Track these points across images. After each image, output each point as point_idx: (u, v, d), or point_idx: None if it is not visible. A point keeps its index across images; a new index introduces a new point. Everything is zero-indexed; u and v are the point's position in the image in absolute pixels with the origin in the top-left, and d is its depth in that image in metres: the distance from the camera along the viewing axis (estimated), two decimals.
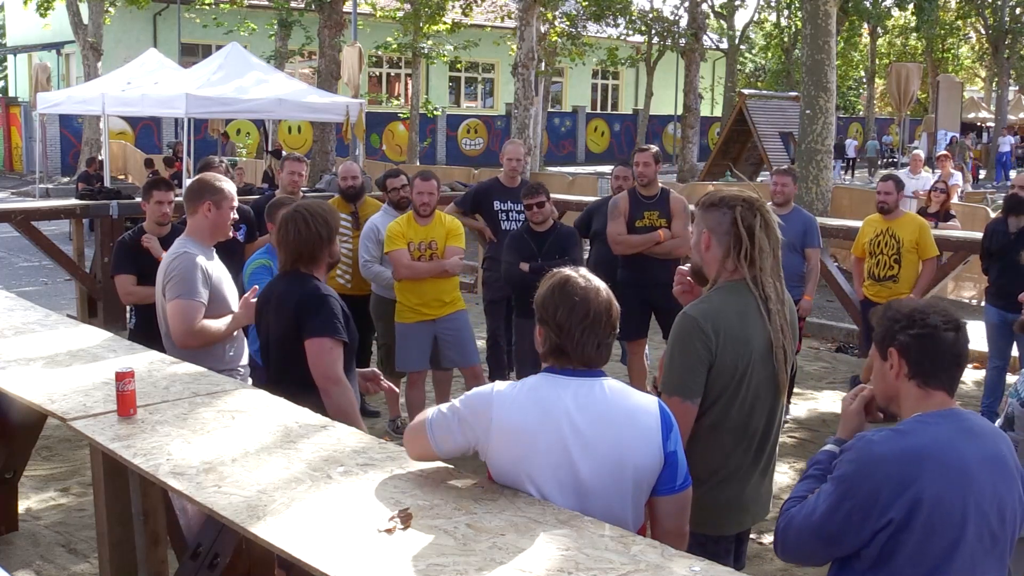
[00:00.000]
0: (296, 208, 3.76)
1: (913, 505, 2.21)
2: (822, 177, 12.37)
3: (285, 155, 7.22)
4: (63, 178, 25.12)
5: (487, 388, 2.56)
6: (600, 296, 2.50)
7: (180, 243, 4.16)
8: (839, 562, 2.39)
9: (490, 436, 2.48)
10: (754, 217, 2.88)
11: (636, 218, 6.47)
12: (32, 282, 12.21)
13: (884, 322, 2.40)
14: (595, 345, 2.48)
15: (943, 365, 2.34)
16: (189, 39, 29.32)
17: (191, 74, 15.80)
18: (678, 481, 2.53)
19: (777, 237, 2.93)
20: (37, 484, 5.49)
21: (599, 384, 2.49)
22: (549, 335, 2.49)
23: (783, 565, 4.62)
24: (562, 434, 2.43)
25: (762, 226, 2.89)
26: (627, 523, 2.47)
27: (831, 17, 12.31)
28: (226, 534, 2.92)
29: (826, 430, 6.87)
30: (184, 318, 3.95)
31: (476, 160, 31.83)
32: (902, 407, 2.39)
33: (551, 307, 2.49)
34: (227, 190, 4.21)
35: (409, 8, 26.15)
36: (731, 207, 2.90)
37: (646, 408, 2.51)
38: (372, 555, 2.25)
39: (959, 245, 8.39)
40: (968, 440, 2.29)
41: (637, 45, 33.71)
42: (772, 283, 2.90)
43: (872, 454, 2.27)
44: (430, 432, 2.58)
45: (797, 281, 6.94)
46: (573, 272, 2.54)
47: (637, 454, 2.46)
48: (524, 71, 17.11)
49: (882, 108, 45.52)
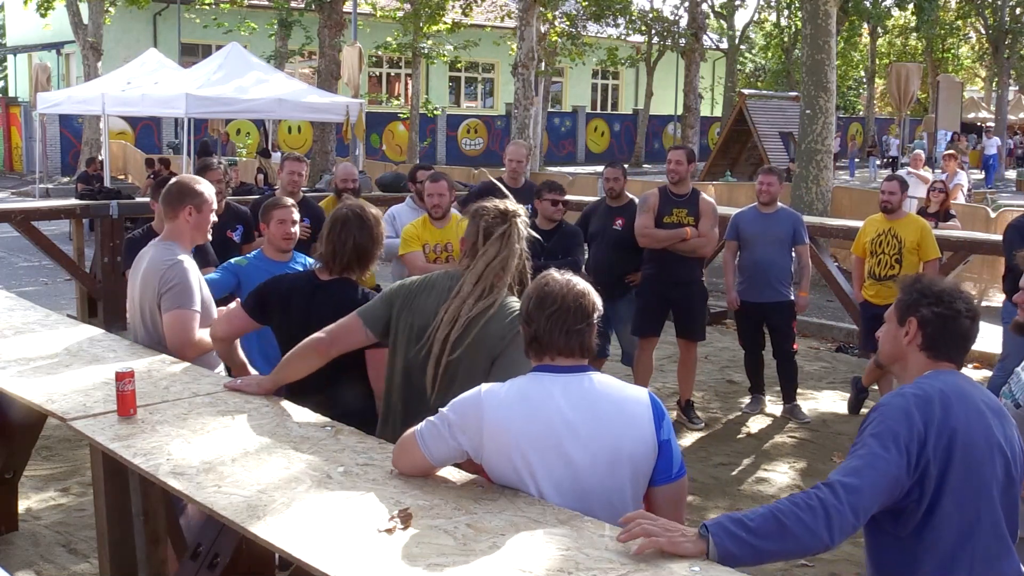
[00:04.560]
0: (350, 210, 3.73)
1: (950, 439, 2.33)
2: (822, 177, 12.37)
3: (285, 155, 7.24)
4: (63, 178, 25.11)
5: (474, 391, 2.57)
6: (572, 288, 2.56)
7: (166, 249, 4.00)
8: (879, 532, 2.44)
9: (482, 438, 2.49)
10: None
11: (665, 214, 6.54)
12: (32, 282, 12.20)
13: (912, 293, 2.53)
14: (563, 331, 2.51)
15: (954, 345, 2.50)
16: (189, 39, 29.30)
17: (191, 74, 15.81)
18: (674, 470, 2.54)
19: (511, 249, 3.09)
20: (37, 484, 5.49)
21: (587, 378, 2.53)
22: (526, 329, 2.58)
23: (783, 565, 4.62)
24: (555, 430, 2.44)
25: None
26: (626, 513, 2.47)
27: (831, 17, 12.31)
28: (226, 534, 2.92)
29: (826, 430, 6.87)
30: (185, 329, 3.88)
31: (476, 160, 31.81)
32: (907, 371, 2.54)
33: (525, 302, 2.61)
34: (207, 193, 4.10)
35: (409, 8, 26.13)
36: (479, 217, 3.14)
37: (636, 398, 2.54)
38: (372, 555, 2.25)
39: (959, 245, 8.39)
40: (976, 389, 2.48)
41: (637, 45, 33.74)
42: (473, 281, 3.06)
43: (903, 399, 2.38)
44: (421, 443, 2.58)
45: (788, 279, 7.01)
46: (557, 274, 2.62)
47: (631, 444, 2.47)
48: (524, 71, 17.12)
49: (882, 108, 45.51)
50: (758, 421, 7.07)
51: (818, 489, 2.27)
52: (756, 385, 7.33)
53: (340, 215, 3.70)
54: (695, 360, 7.04)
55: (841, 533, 2.23)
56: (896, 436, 2.30)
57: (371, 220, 3.70)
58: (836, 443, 6.53)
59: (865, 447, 2.32)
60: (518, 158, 7.18)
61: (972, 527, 2.35)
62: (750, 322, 7.18)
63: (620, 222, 6.74)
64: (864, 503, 2.26)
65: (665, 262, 6.58)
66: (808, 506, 2.22)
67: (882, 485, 2.28)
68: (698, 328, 6.89)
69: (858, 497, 2.25)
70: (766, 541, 2.19)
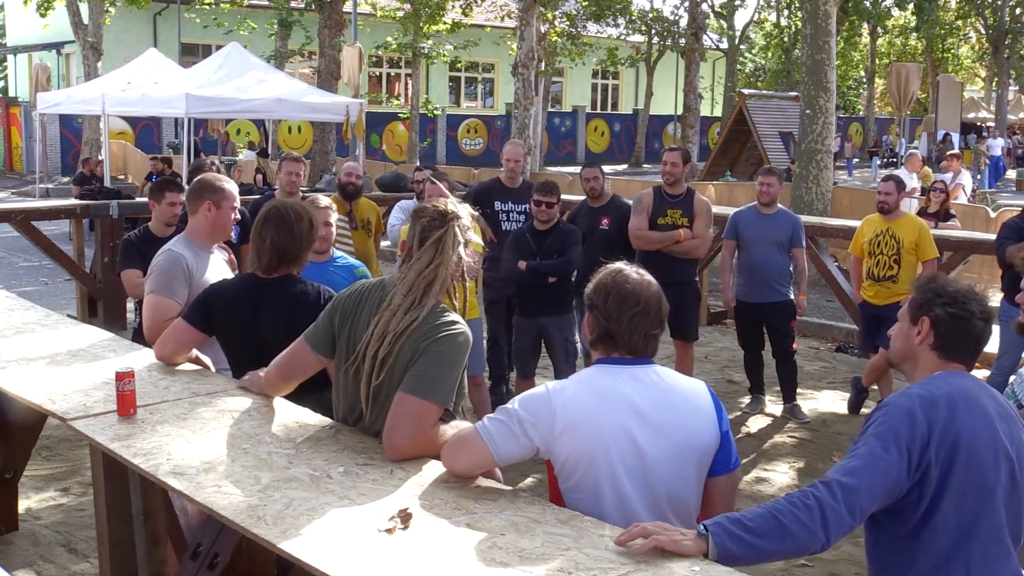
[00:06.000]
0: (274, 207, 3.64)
1: (954, 442, 2.32)
2: (822, 177, 12.38)
3: (283, 155, 7.25)
4: (63, 178, 25.08)
5: (540, 389, 2.57)
6: (651, 288, 2.57)
7: (172, 241, 4.13)
8: (877, 531, 2.43)
9: (555, 433, 2.47)
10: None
11: (659, 215, 6.55)
12: (32, 282, 12.20)
13: (926, 292, 2.52)
14: (642, 335, 2.53)
15: (966, 347, 2.50)
16: (189, 39, 29.30)
17: (191, 74, 15.79)
18: (732, 461, 2.58)
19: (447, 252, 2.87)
20: (37, 484, 5.49)
21: (652, 370, 2.55)
22: (599, 322, 2.55)
23: (783, 565, 4.62)
24: (626, 421, 2.45)
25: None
26: (690, 504, 2.52)
27: (831, 17, 12.31)
28: (226, 534, 2.92)
29: (826, 430, 6.87)
30: (154, 314, 3.91)
31: (476, 160, 31.82)
32: (917, 370, 2.53)
33: (602, 294, 2.56)
34: (228, 190, 4.16)
35: (409, 8, 26.14)
36: (418, 218, 2.94)
37: (699, 391, 2.58)
38: (372, 555, 2.25)
39: (959, 245, 8.39)
40: (985, 392, 2.46)
41: (637, 45, 33.72)
42: (405, 291, 2.85)
43: (909, 400, 2.36)
44: (488, 439, 2.52)
45: (785, 280, 7.01)
46: (626, 265, 2.62)
47: (699, 435, 2.51)
48: (524, 71, 17.11)
49: (882, 108, 45.50)
50: (758, 421, 7.07)
51: (815, 488, 2.28)
52: (755, 385, 7.33)
53: (261, 213, 3.60)
54: (692, 360, 7.04)
55: (837, 532, 2.24)
56: (898, 437, 2.30)
57: (290, 217, 3.54)
58: (836, 443, 6.53)
59: (866, 446, 2.32)
60: (516, 158, 7.18)
61: (971, 530, 2.35)
62: (749, 322, 7.18)
63: (606, 221, 6.75)
64: (861, 503, 2.26)
65: (659, 263, 6.52)
66: (805, 505, 2.23)
67: (880, 486, 2.28)
68: (691, 329, 6.90)
69: (855, 497, 2.25)
70: (765, 540, 2.19)
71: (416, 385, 2.74)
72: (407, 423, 2.74)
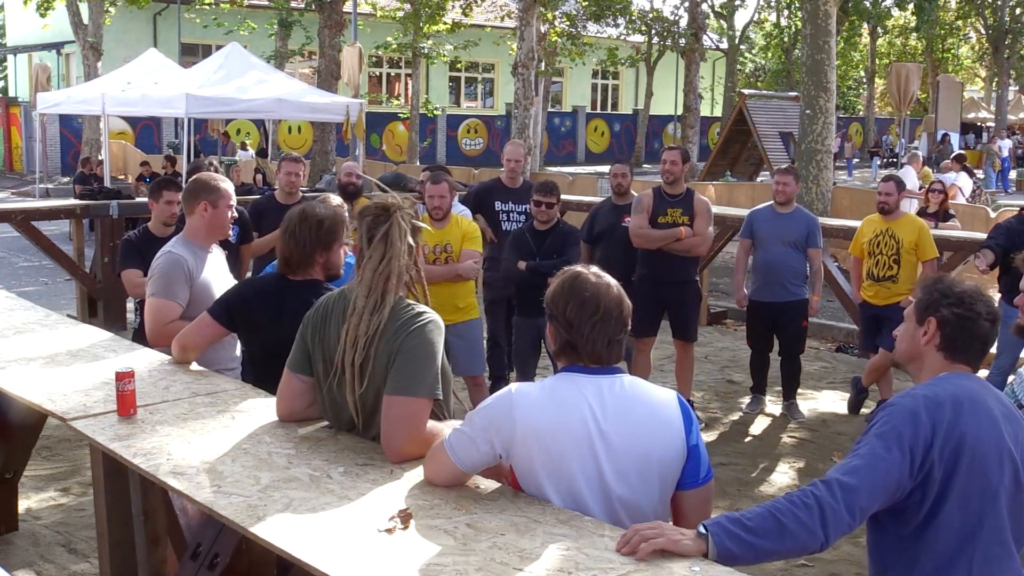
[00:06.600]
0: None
1: (958, 444, 2.31)
2: (822, 177, 12.36)
3: (283, 155, 7.26)
4: (63, 178, 25.09)
5: (504, 392, 2.53)
6: (611, 292, 2.49)
7: (171, 242, 4.13)
8: (880, 531, 2.43)
9: (514, 438, 2.45)
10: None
11: (659, 214, 6.56)
12: (32, 282, 12.20)
13: (933, 293, 2.51)
14: (605, 342, 2.46)
15: (972, 348, 2.49)
16: (189, 39, 29.30)
17: (191, 74, 15.79)
18: (701, 474, 2.51)
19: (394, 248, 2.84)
20: (37, 484, 5.49)
21: (619, 380, 2.49)
22: (559, 332, 2.49)
23: (783, 564, 4.62)
24: (587, 431, 2.41)
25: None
26: (650, 517, 2.45)
27: (831, 17, 12.31)
28: (226, 534, 2.92)
29: (826, 430, 6.88)
30: (156, 316, 3.92)
31: (476, 160, 31.82)
32: (922, 371, 2.52)
33: (560, 303, 2.48)
34: (224, 189, 4.15)
35: (409, 8, 26.14)
36: (362, 218, 2.91)
37: (667, 402, 2.50)
38: (372, 555, 2.25)
39: (959, 245, 8.39)
40: (990, 394, 2.46)
41: (637, 45, 33.73)
42: (367, 292, 2.83)
43: (913, 401, 2.36)
44: (451, 452, 2.53)
45: (800, 280, 6.98)
46: (584, 268, 2.54)
47: (661, 448, 2.44)
48: (524, 71, 17.10)
49: (882, 108, 45.51)
50: (758, 421, 7.07)
51: (815, 487, 2.27)
52: (758, 385, 7.31)
53: (287, 215, 3.61)
54: (692, 360, 7.04)
55: (836, 532, 2.23)
56: (900, 437, 2.30)
57: (311, 219, 3.54)
58: (836, 443, 6.53)
59: (868, 447, 2.32)
60: (516, 158, 7.19)
61: (974, 531, 2.35)
62: (760, 322, 7.13)
63: (628, 219, 6.76)
64: (861, 503, 2.26)
65: (659, 262, 6.58)
66: (804, 504, 2.23)
67: (880, 486, 2.28)
68: (691, 329, 6.90)
69: (855, 497, 2.25)
70: (764, 539, 2.19)
71: (400, 385, 2.74)
72: (401, 425, 2.74)
